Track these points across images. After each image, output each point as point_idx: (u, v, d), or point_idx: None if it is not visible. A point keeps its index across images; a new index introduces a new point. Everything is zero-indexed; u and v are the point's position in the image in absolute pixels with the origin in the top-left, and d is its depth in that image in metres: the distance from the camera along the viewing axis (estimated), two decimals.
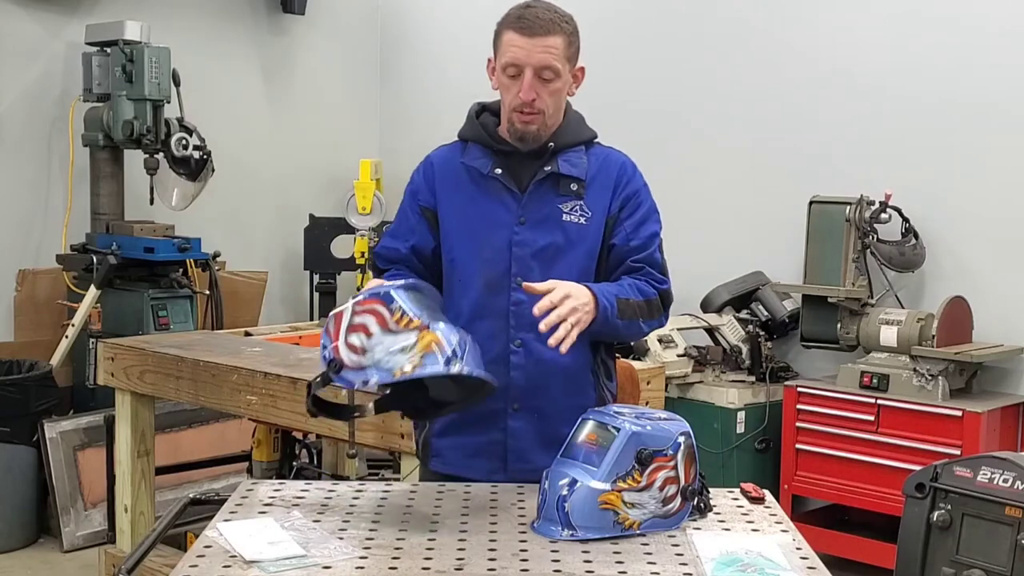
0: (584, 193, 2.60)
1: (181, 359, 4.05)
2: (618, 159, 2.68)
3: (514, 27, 2.53)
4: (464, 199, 2.63)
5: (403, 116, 7.43)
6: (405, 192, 2.74)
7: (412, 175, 2.75)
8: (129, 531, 4.34)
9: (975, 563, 3.21)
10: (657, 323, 2.64)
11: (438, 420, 2.64)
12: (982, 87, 5.06)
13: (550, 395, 2.57)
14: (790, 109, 5.66)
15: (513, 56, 2.52)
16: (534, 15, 2.52)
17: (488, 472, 2.60)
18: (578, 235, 2.59)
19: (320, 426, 3.58)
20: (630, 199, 2.62)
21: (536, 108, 2.53)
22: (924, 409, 4.75)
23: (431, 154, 2.75)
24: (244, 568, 2.02)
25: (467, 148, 2.67)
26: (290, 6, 6.96)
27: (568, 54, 2.55)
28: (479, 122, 2.67)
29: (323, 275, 6.92)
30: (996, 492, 3.18)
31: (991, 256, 5.06)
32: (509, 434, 2.59)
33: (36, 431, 5.21)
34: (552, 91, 2.54)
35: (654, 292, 2.59)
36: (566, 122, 2.64)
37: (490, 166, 2.62)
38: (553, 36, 2.51)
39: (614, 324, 2.49)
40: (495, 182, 2.61)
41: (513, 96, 2.55)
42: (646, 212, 2.64)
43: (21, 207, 5.98)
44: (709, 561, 2.08)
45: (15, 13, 5.91)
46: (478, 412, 2.57)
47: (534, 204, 2.59)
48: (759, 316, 5.49)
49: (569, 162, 2.60)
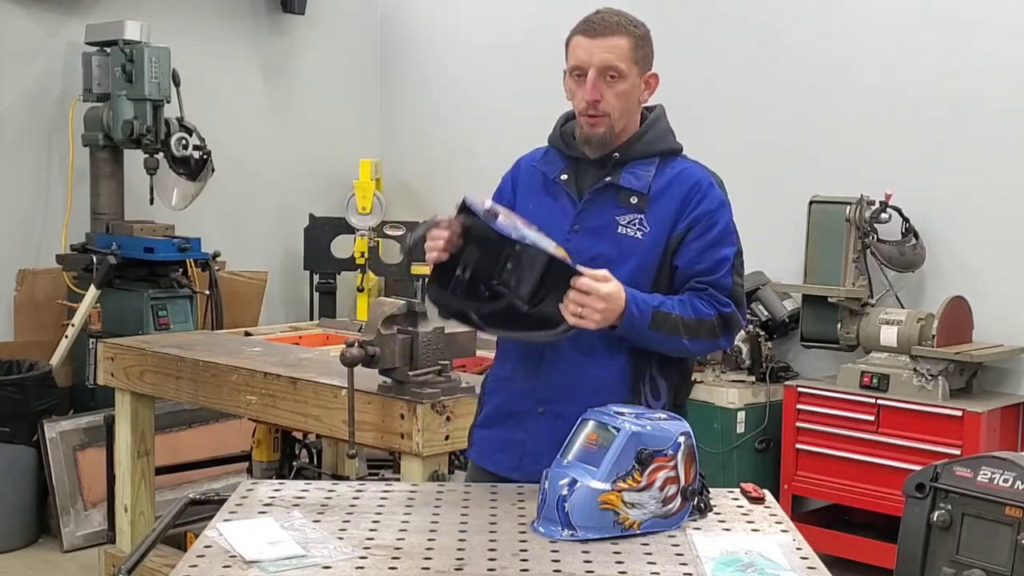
0: (646, 207, 2.55)
1: (181, 359, 4.05)
2: (694, 175, 2.60)
3: (580, 30, 2.55)
4: (534, 202, 2.66)
5: (403, 116, 7.43)
6: (497, 188, 2.79)
7: (504, 175, 2.80)
8: (129, 531, 4.34)
9: (975, 563, 3.21)
10: (711, 345, 2.58)
11: (483, 411, 2.71)
12: (983, 87, 5.06)
13: (576, 401, 2.50)
14: (790, 109, 5.66)
15: (577, 58, 2.53)
16: (600, 18, 2.54)
17: (507, 469, 2.63)
18: (632, 248, 2.54)
19: (320, 426, 3.58)
20: (700, 220, 2.55)
21: (601, 110, 2.52)
22: (924, 409, 4.75)
23: (522, 157, 2.79)
24: (244, 568, 2.02)
25: (548, 153, 2.70)
26: (290, 6, 6.96)
27: (635, 57, 2.53)
28: (562, 129, 2.68)
29: (323, 275, 6.92)
30: (996, 492, 3.18)
31: (991, 256, 5.06)
32: (530, 435, 2.60)
33: (36, 431, 5.21)
34: (618, 93, 2.52)
35: (711, 313, 2.51)
36: (641, 131, 2.61)
37: (558, 171, 2.64)
38: (617, 37, 2.51)
39: (643, 333, 2.45)
40: (559, 187, 2.63)
41: (579, 100, 2.54)
42: (719, 234, 2.55)
43: (21, 207, 5.98)
44: (709, 561, 2.08)
45: (15, 13, 5.91)
46: (509, 409, 2.63)
47: (591, 213, 2.58)
48: (759, 316, 5.49)
49: (633, 174, 2.57)
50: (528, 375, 2.60)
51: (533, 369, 2.58)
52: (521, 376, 2.62)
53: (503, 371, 2.69)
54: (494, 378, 2.72)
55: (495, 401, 2.69)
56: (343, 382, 3.20)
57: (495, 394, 2.70)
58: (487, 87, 6.93)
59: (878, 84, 5.36)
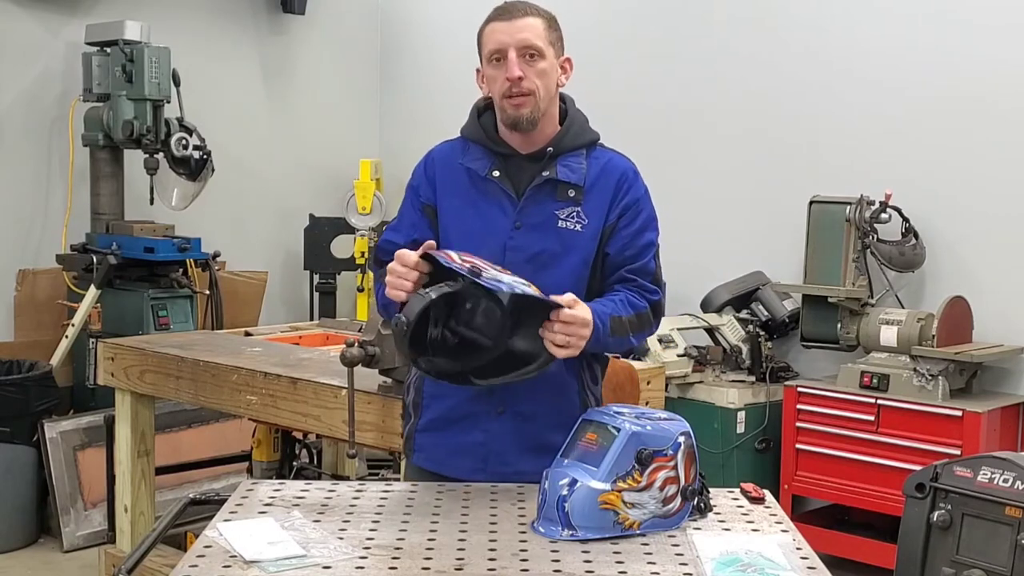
0: (582, 199, 2.57)
1: (181, 359, 4.05)
2: (619, 165, 2.64)
3: (494, 18, 2.57)
4: (462, 201, 2.61)
5: (403, 116, 7.43)
6: (407, 186, 2.73)
7: (414, 169, 2.73)
8: (129, 531, 4.34)
9: (975, 563, 3.21)
10: (648, 334, 2.65)
11: (424, 416, 2.66)
12: (983, 87, 5.06)
13: (535, 400, 2.55)
14: (790, 109, 5.66)
15: (495, 41, 2.53)
16: (510, 4, 2.57)
17: (469, 472, 2.60)
18: (573, 242, 2.56)
19: (320, 426, 3.58)
20: (629, 208, 2.60)
21: (525, 88, 2.51)
22: (924, 409, 4.75)
23: (433, 149, 2.73)
24: (244, 568, 2.02)
25: (468, 148, 2.65)
26: (290, 6, 6.96)
27: (550, 38, 2.55)
28: (480, 122, 2.65)
29: (323, 275, 6.93)
30: (996, 492, 3.18)
31: (991, 256, 5.06)
32: (491, 436, 2.58)
33: (36, 431, 5.21)
34: (539, 71, 2.52)
35: (645, 305, 2.57)
36: (566, 125, 2.62)
37: (488, 168, 2.60)
38: (531, 17, 2.54)
39: (604, 342, 2.49)
40: (492, 185, 2.59)
41: (501, 82, 2.53)
42: (644, 221, 2.62)
43: (21, 207, 5.98)
44: (709, 561, 2.08)
45: (15, 13, 5.91)
46: (463, 412, 2.59)
47: (530, 209, 2.57)
48: (759, 316, 5.49)
49: (568, 167, 2.58)
50: None
51: None
52: None
53: None
54: (435, 383, 2.60)
55: (443, 405, 2.62)
56: (343, 382, 3.20)
57: (440, 399, 2.62)
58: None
59: (878, 84, 5.36)
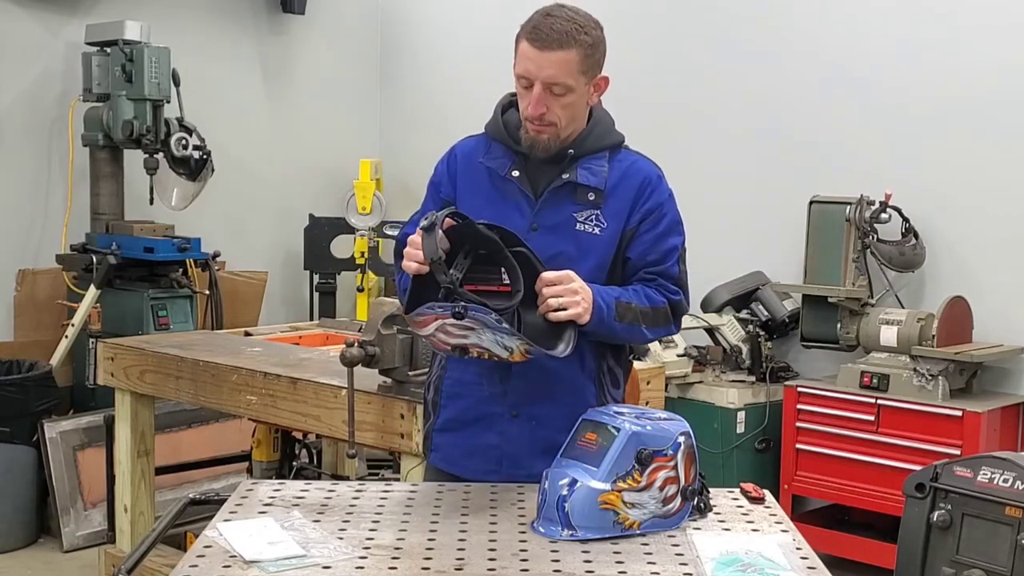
0: (602, 203, 2.55)
1: (181, 359, 4.05)
2: (642, 169, 2.61)
3: (528, 37, 2.48)
4: (481, 199, 2.59)
5: (403, 116, 7.43)
6: (429, 181, 2.72)
7: (436, 165, 2.72)
8: (129, 531, 4.34)
9: (975, 563, 3.21)
10: (665, 331, 2.62)
11: (441, 415, 2.65)
12: (983, 86, 5.06)
13: (550, 403, 2.54)
14: (790, 109, 5.66)
15: (524, 68, 2.49)
16: (549, 26, 2.44)
17: (483, 473, 2.60)
18: (590, 245, 2.54)
19: (320, 426, 3.58)
20: (652, 212, 2.57)
21: (546, 121, 2.49)
22: (924, 409, 4.75)
23: (456, 145, 2.71)
24: (244, 568, 2.02)
25: (490, 145, 2.63)
26: (290, 6, 6.96)
27: (584, 68, 2.47)
28: (503, 120, 2.62)
29: (323, 275, 6.93)
30: (996, 492, 3.18)
31: (991, 256, 5.06)
32: (506, 439, 2.58)
33: (36, 431, 5.21)
34: (564, 104, 2.49)
35: (663, 300, 2.55)
36: (590, 127, 2.59)
37: (508, 168, 2.58)
38: (566, 50, 2.43)
39: (610, 325, 2.47)
40: (511, 185, 2.57)
41: (525, 105, 2.50)
42: (668, 225, 2.59)
43: (21, 207, 5.98)
44: (709, 561, 2.08)
45: (15, 13, 5.91)
46: (478, 413, 2.59)
47: (548, 211, 2.55)
48: (759, 316, 5.49)
49: (589, 170, 2.55)
50: (497, 379, 2.54)
51: (502, 373, 2.54)
52: (489, 380, 2.57)
53: (465, 376, 2.62)
54: (454, 383, 2.64)
55: (459, 406, 2.63)
56: (343, 382, 3.20)
57: (457, 399, 2.63)
58: (487, 86, 6.87)
59: (878, 84, 5.36)
